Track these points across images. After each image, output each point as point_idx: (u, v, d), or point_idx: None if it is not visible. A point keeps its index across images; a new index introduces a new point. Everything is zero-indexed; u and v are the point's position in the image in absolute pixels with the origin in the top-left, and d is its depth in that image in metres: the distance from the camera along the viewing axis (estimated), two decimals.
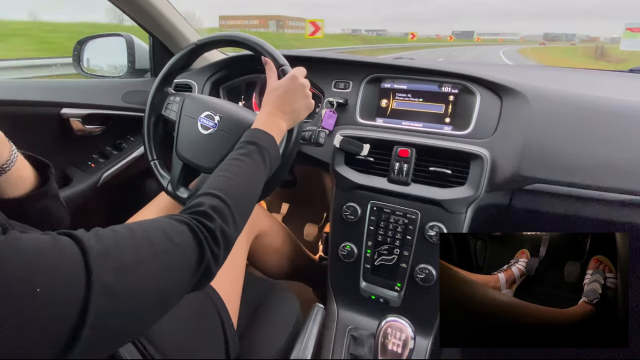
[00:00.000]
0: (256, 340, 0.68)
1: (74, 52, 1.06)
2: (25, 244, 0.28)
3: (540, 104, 0.71)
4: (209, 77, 0.97)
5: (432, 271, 0.72)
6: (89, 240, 0.31)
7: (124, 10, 0.92)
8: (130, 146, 1.04)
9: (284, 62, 0.67)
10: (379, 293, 0.79)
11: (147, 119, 0.77)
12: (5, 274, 0.25)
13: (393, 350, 0.60)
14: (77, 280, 0.28)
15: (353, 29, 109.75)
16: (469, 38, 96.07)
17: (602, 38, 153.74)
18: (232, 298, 0.67)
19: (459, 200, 0.70)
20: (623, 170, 0.64)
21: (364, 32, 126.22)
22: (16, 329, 0.25)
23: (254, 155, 0.54)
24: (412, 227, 0.74)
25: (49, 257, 0.28)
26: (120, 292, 0.31)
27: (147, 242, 0.35)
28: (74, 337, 0.27)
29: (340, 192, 0.80)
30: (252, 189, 0.52)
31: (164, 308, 0.37)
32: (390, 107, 0.84)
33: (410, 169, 0.74)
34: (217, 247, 0.41)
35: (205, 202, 0.44)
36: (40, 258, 0.27)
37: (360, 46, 25.22)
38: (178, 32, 1.01)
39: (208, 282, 0.42)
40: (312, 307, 0.71)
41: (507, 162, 0.70)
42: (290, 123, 0.64)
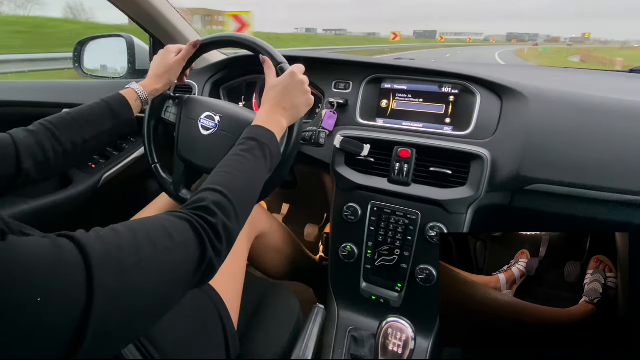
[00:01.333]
0: (256, 341, 0.68)
1: (75, 53, 1.06)
2: (24, 249, 0.27)
3: (541, 104, 0.71)
4: (209, 78, 0.97)
5: (433, 272, 0.72)
6: (90, 242, 0.31)
7: (124, 10, 0.92)
8: (131, 147, 1.04)
9: (282, 59, 0.67)
10: (379, 293, 0.79)
11: (147, 122, 0.77)
12: (5, 282, 0.25)
13: (394, 351, 0.60)
14: (79, 285, 0.28)
15: (307, 27, 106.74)
16: (431, 38, 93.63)
17: (563, 38, 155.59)
18: (232, 298, 0.67)
19: (460, 201, 0.70)
20: (623, 170, 0.64)
21: (322, 31, 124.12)
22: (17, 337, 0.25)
23: (255, 151, 0.54)
24: (412, 227, 0.74)
25: (49, 262, 0.27)
26: (122, 294, 0.31)
27: (149, 242, 0.35)
28: (77, 342, 0.27)
29: (341, 192, 0.80)
30: (253, 185, 0.52)
31: (167, 306, 0.37)
32: (390, 107, 0.84)
33: (410, 169, 0.74)
34: (219, 242, 0.41)
35: (207, 197, 0.44)
36: (40, 264, 0.27)
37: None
38: (178, 33, 1.01)
39: (211, 277, 0.42)
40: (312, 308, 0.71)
41: (507, 163, 0.70)
42: (291, 119, 0.64)
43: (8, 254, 0.26)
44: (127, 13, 0.93)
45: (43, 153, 0.53)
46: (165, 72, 0.69)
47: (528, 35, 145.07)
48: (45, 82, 1.11)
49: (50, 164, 0.55)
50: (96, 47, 1.09)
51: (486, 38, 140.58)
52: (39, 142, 0.53)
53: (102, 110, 0.61)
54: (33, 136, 0.53)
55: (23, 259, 0.27)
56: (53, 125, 0.56)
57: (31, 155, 0.52)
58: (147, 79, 0.69)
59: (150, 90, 0.67)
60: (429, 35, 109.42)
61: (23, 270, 0.26)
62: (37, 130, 0.54)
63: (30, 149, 0.52)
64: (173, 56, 0.71)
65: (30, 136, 0.53)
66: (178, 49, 0.72)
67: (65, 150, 0.56)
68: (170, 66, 0.70)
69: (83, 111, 0.60)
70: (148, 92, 0.67)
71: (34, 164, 0.52)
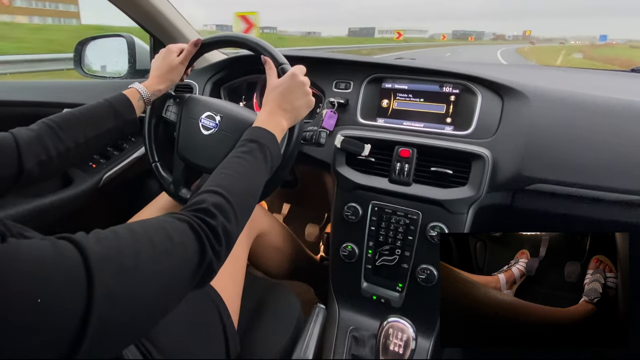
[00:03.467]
0: (257, 341, 0.68)
1: (75, 53, 1.06)
2: (24, 252, 0.27)
3: (542, 104, 0.71)
4: (209, 77, 0.97)
5: (434, 271, 0.72)
6: (90, 244, 0.31)
7: (124, 10, 0.92)
8: (132, 146, 1.04)
9: (284, 60, 0.67)
10: (380, 293, 0.79)
11: (148, 121, 0.77)
12: (5, 285, 0.25)
13: (394, 351, 0.60)
14: (79, 287, 0.28)
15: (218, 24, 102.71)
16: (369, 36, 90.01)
17: (507, 36, 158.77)
18: (232, 298, 0.67)
19: (460, 201, 0.70)
20: (624, 170, 0.64)
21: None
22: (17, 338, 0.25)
23: (255, 152, 0.54)
24: (413, 227, 0.74)
25: (49, 265, 0.28)
26: (122, 296, 0.31)
27: (149, 244, 0.35)
28: (76, 343, 0.27)
29: (342, 192, 0.80)
30: (253, 186, 0.52)
31: (166, 308, 0.37)
32: (391, 107, 0.84)
33: (411, 169, 0.74)
34: (218, 244, 0.41)
35: (207, 199, 0.44)
36: (40, 267, 0.27)
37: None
38: (178, 33, 1.01)
39: (210, 279, 0.42)
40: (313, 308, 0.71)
41: (508, 162, 0.70)
42: (291, 121, 0.64)
43: (8, 256, 0.26)
44: (128, 13, 0.93)
45: (45, 152, 0.53)
46: (167, 71, 0.69)
47: (475, 33, 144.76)
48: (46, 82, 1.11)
49: (52, 162, 0.54)
50: (96, 47, 1.09)
51: (432, 36, 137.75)
52: (41, 140, 0.53)
53: (105, 109, 0.61)
54: (35, 135, 0.53)
55: (23, 261, 0.27)
56: (55, 124, 0.56)
57: (33, 154, 0.52)
58: (150, 79, 0.69)
59: (153, 90, 0.68)
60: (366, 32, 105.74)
61: (23, 273, 0.26)
62: (39, 129, 0.54)
63: (32, 148, 0.52)
64: (175, 56, 0.71)
65: (32, 135, 0.53)
66: (179, 49, 0.72)
67: (67, 149, 0.56)
68: (173, 66, 0.70)
69: (86, 110, 0.60)
70: (151, 92, 0.67)
71: (36, 163, 0.52)
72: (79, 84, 1.08)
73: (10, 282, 0.25)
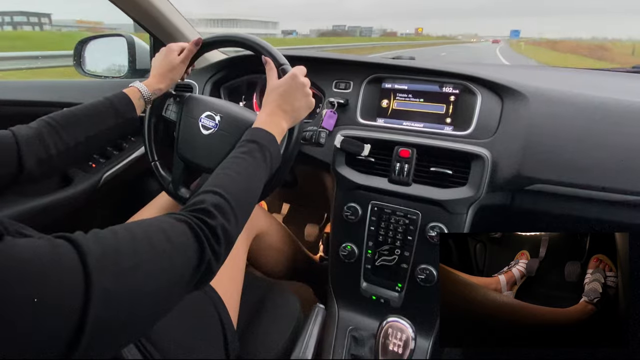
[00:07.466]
0: (256, 341, 0.68)
1: (75, 52, 1.06)
2: (22, 250, 0.27)
3: (541, 104, 0.71)
4: (209, 77, 0.97)
5: (433, 272, 0.72)
6: (87, 244, 0.30)
7: (124, 10, 0.92)
8: (131, 146, 1.04)
9: (284, 61, 0.67)
10: (379, 293, 0.79)
11: (148, 120, 0.77)
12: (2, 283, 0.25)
13: (394, 351, 0.60)
14: (76, 287, 0.28)
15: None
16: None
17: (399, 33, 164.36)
18: (232, 298, 0.67)
19: (460, 201, 0.70)
20: (624, 170, 0.64)
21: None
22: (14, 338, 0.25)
23: (255, 153, 0.54)
24: (413, 227, 0.74)
25: (46, 263, 0.27)
26: (120, 296, 0.30)
27: (147, 244, 0.35)
28: (74, 342, 0.27)
29: (341, 192, 0.80)
30: (253, 187, 0.52)
31: (165, 308, 0.37)
32: (391, 107, 0.84)
33: (411, 169, 0.74)
34: (218, 245, 0.41)
35: (206, 199, 0.44)
36: (37, 266, 0.27)
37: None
38: (179, 32, 1.01)
39: (209, 280, 0.42)
40: (312, 308, 0.71)
41: (508, 163, 0.70)
42: (291, 122, 0.64)
43: (5, 255, 0.26)
44: (127, 12, 0.93)
45: (45, 150, 0.53)
46: (168, 70, 0.69)
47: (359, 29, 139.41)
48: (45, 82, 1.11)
49: (53, 161, 0.54)
50: (96, 46, 1.08)
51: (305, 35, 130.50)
52: (42, 139, 0.53)
53: (106, 108, 0.61)
54: (35, 133, 0.53)
55: (20, 259, 0.27)
56: (55, 122, 0.56)
57: (33, 152, 0.52)
58: (151, 78, 0.69)
59: (153, 89, 0.68)
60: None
61: (20, 271, 0.26)
62: (39, 127, 0.54)
63: (33, 146, 0.52)
64: (176, 55, 0.71)
65: (32, 133, 0.53)
66: (180, 48, 0.71)
67: (67, 147, 0.56)
68: (174, 65, 0.70)
69: (86, 109, 0.60)
70: (151, 91, 0.67)
71: (36, 161, 0.52)
72: (79, 83, 1.08)
73: (7, 281, 0.25)
